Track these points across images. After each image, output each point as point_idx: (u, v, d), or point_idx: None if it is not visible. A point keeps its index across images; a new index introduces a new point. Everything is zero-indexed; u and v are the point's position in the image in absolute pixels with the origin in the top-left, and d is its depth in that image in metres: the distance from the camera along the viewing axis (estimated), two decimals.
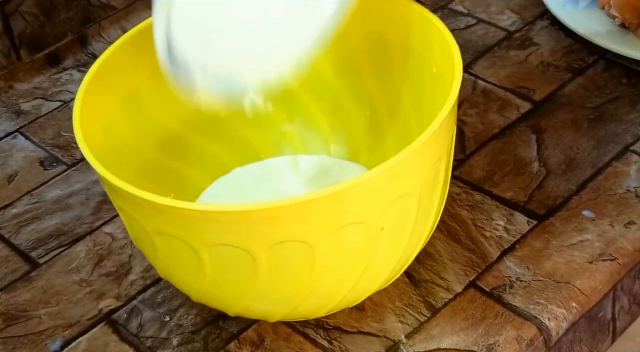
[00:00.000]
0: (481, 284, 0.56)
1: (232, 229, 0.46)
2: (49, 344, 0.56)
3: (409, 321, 0.54)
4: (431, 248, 0.58)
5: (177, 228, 0.47)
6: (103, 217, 0.64)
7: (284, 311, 0.52)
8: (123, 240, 0.62)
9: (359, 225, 0.47)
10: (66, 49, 0.79)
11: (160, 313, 0.57)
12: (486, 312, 0.54)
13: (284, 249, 0.47)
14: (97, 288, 0.59)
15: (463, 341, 0.53)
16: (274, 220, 0.46)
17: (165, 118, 0.59)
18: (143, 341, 0.55)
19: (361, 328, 0.54)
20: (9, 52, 0.76)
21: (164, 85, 0.58)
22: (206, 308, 0.56)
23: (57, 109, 0.74)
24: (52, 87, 0.76)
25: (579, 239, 0.58)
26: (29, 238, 0.63)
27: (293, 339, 0.54)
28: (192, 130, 0.61)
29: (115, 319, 0.57)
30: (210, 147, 0.62)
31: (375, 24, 0.58)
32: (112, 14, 0.81)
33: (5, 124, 0.73)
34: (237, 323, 0.55)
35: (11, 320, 0.58)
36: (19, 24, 0.76)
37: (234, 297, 0.51)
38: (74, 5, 0.78)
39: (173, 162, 0.60)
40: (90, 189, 0.66)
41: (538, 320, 0.53)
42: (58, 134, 0.72)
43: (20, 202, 0.66)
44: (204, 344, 0.55)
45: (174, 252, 0.49)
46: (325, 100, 0.62)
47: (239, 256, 0.47)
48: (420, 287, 0.56)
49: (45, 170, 0.69)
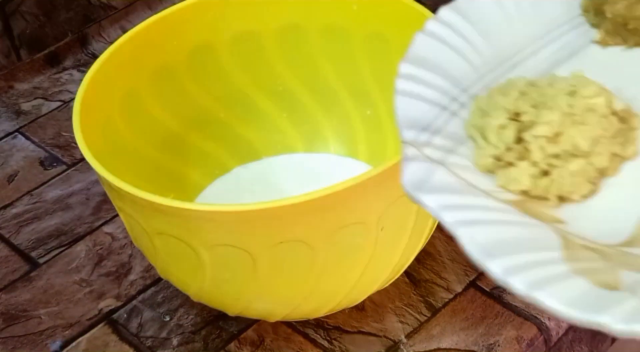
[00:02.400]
0: (481, 284, 0.56)
1: (232, 229, 0.46)
2: (49, 344, 0.56)
3: (409, 320, 0.54)
4: (431, 248, 0.58)
5: (177, 228, 0.47)
6: (103, 217, 0.64)
7: (284, 311, 0.52)
8: (123, 240, 0.62)
9: (359, 225, 0.47)
10: (66, 49, 0.79)
11: (160, 313, 0.57)
12: (486, 312, 0.54)
13: (284, 249, 0.47)
14: (97, 288, 0.59)
15: (463, 341, 0.53)
16: (273, 220, 0.46)
17: (165, 118, 0.59)
18: (143, 340, 0.55)
19: (361, 328, 0.54)
20: (9, 52, 0.76)
21: (164, 85, 0.59)
22: (206, 308, 0.56)
23: (57, 109, 0.74)
24: (52, 87, 0.76)
25: None
26: (29, 238, 0.63)
27: (293, 339, 0.54)
28: (192, 130, 0.61)
29: (116, 319, 0.57)
30: (210, 147, 0.62)
31: (375, 24, 0.58)
32: (112, 14, 0.81)
33: (5, 124, 0.73)
34: (237, 323, 0.55)
35: (11, 320, 0.58)
36: (19, 24, 0.76)
37: (234, 297, 0.51)
38: (74, 5, 0.78)
39: (173, 162, 0.60)
40: (90, 189, 0.66)
41: (538, 320, 0.53)
42: (58, 134, 0.72)
43: (21, 202, 0.66)
44: (204, 344, 0.55)
45: (174, 252, 0.49)
46: (326, 99, 0.62)
47: (238, 256, 0.47)
48: (420, 287, 0.56)
49: (45, 170, 0.69)
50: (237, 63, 0.61)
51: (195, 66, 0.60)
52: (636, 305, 0.30)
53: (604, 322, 0.29)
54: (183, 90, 0.60)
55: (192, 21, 0.58)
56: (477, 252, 0.32)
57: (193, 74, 0.60)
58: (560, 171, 0.37)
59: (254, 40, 0.60)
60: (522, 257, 0.32)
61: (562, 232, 0.34)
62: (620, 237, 0.34)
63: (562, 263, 0.32)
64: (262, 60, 0.61)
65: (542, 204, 0.37)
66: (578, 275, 0.31)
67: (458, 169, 0.36)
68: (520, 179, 0.37)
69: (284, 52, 0.60)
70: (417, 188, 0.35)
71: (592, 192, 0.37)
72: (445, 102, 0.39)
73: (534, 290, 0.30)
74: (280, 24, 0.60)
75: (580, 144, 0.37)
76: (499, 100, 0.39)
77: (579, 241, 0.34)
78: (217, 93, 0.61)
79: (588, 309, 0.30)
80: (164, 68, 0.58)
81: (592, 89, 0.38)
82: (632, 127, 0.39)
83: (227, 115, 0.62)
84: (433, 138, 0.37)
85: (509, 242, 0.32)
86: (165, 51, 0.58)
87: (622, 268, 0.32)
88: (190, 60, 0.59)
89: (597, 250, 0.33)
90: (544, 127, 0.37)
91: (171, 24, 0.58)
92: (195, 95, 0.60)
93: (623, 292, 0.31)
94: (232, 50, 0.60)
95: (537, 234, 0.34)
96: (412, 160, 0.35)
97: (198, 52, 0.59)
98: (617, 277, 0.31)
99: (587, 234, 0.34)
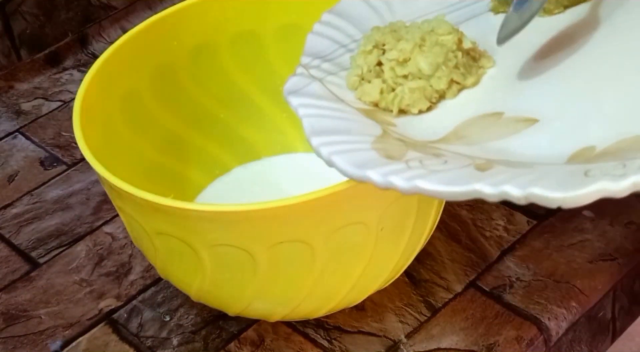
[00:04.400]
0: (481, 284, 0.56)
1: (232, 229, 0.46)
2: (49, 344, 0.56)
3: (409, 320, 0.54)
4: (431, 248, 0.58)
5: (177, 228, 0.47)
6: (103, 217, 0.64)
7: (284, 311, 0.52)
8: (123, 240, 0.62)
9: (359, 225, 0.47)
10: (66, 49, 0.79)
11: (160, 313, 0.57)
12: (486, 312, 0.54)
13: (284, 249, 0.47)
14: (97, 288, 0.59)
15: (463, 341, 0.53)
16: (273, 220, 0.46)
17: (165, 118, 0.59)
18: (143, 340, 0.55)
19: (361, 328, 0.54)
20: (9, 52, 0.76)
21: (164, 85, 0.59)
22: (206, 308, 0.56)
23: (57, 109, 0.74)
24: (52, 87, 0.76)
25: (579, 239, 0.58)
26: (29, 238, 0.63)
27: (293, 339, 0.54)
28: (192, 130, 0.61)
29: (116, 319, 0.57)
30: (210, 147, 0.62)
31: None
32: (112, 14, 0.81)
33: (6, 124, 0.73)
34: (237, 323, 0.55)
35: (11, 320, 0.58)
36: (19, 24, 0.76)
37: (234, 297, 0.51)
38: (74, 5, 0.78)
39: (173, 162, 0.60)
40: (91, 189, 0.66)
41: (538, 320, 0.53)
42: (58, 134, 0.72)
43: (21, 202, 0.66)
44: (204, 344, 0.55)
45: (173, 252, 0.49)
46: None
47: (238, 256, 0.47)
48: (420, 287, 0.56)
49: (45, 170, 0.69)
50: (237, 63, 0.61)
51: (195, 66, 0.60)
52: (399, 167, 0.39)
53: (368, 175, 0.38)
54: (183, 90, 0.60)
55: (192, 21, 0.58)
56: (308, 133, 0.42)
57: (193, 74, 0.60)
58: (403, 88, 0.47)
59: (254, 40, 0.60)
60: (338, 137, 0.42)
61: (386, 128, 0.44)
62: (432, 138, 0.44)
63: (368, 143, 0.41)
64: (262, 60, 0.61)
65: (386, 114, 0.46)
66: (372, 150, 0.40)
67: (332, 86, 0.47)
68: (371, 92, 0.47)
69: (284, 52, 0.60)
70: (291, 93, 0.45)
71: (429, 108, 0.47)
72: (347, 42, 0.50)
73: (332, 155, 0.40)
74: (280, 24, 0.60)
75: (422, 67, 0.47)
76: (373, 34, 0.49)
77: (396, 135, 0.43)
78: (217, 93, 0.61)
79: (362, 167, 0.39)
80: (164, 68, 0.58)
81: (445, 28, 0.48)
82: (480, 65, 0.49)
83: (227, 115, 0.62)
84: (322, 64, 0.48)
85: (335, 128, 0.42)
86: (165, 51, 0.58)
87: (412, 149, 0.41)
88: (190, 60, 0.59)
89: (405, 141, 0.43)
90: (395, 53, 0.47)
91: (171, 24, 0.58)
92: (195, 95, 0.60)
93: (399, 161, 0.39)
94: (232, 50, 0.60)
95: (362, 127, 0.43)
96: (297, 75, 0.47)
97: (198, 52, 0.59)
98: (403, 153, 0.41)
99: (408, 133, 0.43)
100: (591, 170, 0.36)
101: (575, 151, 0.39)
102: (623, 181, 0.34)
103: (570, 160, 0.39)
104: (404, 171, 0.39)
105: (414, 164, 0.39)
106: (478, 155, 0.40)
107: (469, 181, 0.37)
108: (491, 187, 0.36)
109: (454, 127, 0.44)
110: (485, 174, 0.37)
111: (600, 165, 0.36)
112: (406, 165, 0.39)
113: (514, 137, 0.42)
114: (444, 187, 0.37)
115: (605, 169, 0.36)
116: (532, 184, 0.35)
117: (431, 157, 0.40)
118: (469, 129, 0.44)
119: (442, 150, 0.41)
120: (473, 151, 0.41)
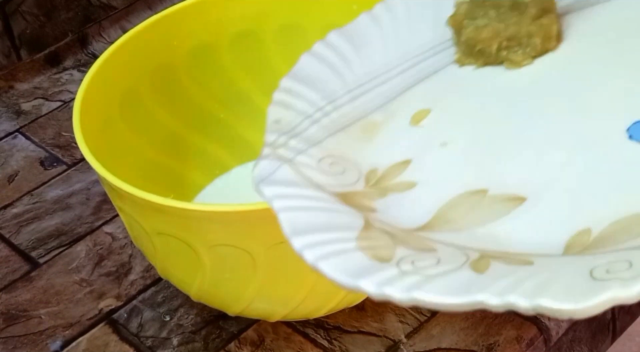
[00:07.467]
0: None
1: (232, 229, 0.46)
2: (49, 344, 0.56)
3: (409, 320, 0.54)
4: None
5: (176, 228, 0.47)
6: (103, 217, 0.64)
7: (284, 311, 0.52)
8: (123, 240, 0.62)
9: None
10: (66, 49, 0.79)
11: (160, 313, 0.57)
12: (486, 312, 0.54)
13: (284, 249, 0.47)
14: (97, 288, 0.59)
15: (463, 341, 0.53)
16: (273, 220, 0.46)
17: (165, 118, 0.59)
18: (143, 340, 0.55)
19: (361, 328, 0.54)
20: (9, 52, 0.76)
21: (163, 85, 0.59)
22: (206, 308, 0.56)
23: (57, 109, 0.74)
24: (52, 87, 0.76)
25: None
26: (29, 238, 0.63)
27: (293, 339, 0.54)
28: (192, 130, 0.61)
29: (116, 319, 0.57)
30: (210, 147, 0.62)
31: None
32: (112, 14, 0.81)
33: (6, 124, 0.73)
34: (237, 323, 0.55)
35: (11, 320, 0.58)
36: (19, 24, 0.76)
37: (234, 297, 0.51)
38: (74, 5, 0.78)
39: (173, 162, 0.60)
40: (91, 189, 0.66)
41: (538, 320, 0.53)
42: (58, 134, 0.72)
43: (21, 202, 0.66)
44: (204, 344, 0.55)
45: (174, 252, 0.49)
46: None
47: (238, 256, 0.47)
48: None
49: (45, 170, 0.69)
50: (237, 63, 0.61)
51: (195, 66, 0.60)
52: (391, 274, 0.36)
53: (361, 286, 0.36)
54: (183, 90, 0.60)
55: (192, 21, 0.58)
56: (288, 233, 0.40)
57: (193, 74, 0.60)
58: None
59: (254, 40, 0.60)
60: (320, 236, 0.39)
61: (367, 216, 0.41)
62: (417, 224, 0.41)
63: (353, 241, 0.39)
64: (262, 60, 0.61)
65: (364, 198, 0.43)
66: (359, 250, 0.38)
67: (303, 168, 0.44)
68: None
69: (284, 52, 0.60)
70: (261, 181, 0.42)
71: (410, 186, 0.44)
72: (311, 112, 0.46)
73: (318, 261, 0.37)
74: (280, 24, 0.60)
75: None
76: None
77: (379, 225, 0.40)
78: (217, 93, 0.61)
79: (354, 276, 0.36)
80: (164, 68, 0.58)
81: None
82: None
83: (227, 115, 0.62)
84: (289, 140, 0.45)
85: (316, 225, 0.40)
86: (165, 51, 0.58)
87: (400, 245, 0.39)
88: (190, 60, 0.59)
89: (390, 232, 0.40)
90: None
91: (171, 24, 0.58)
92: (195, 95, 0.60)
93: (389, 264, 0.37)
94: (232, 50, 0.60)
95: (343, 218, 0.41)
96: (264, 158, 0.43)
97: (198, 52, 0.59)
98: (393, 253, 0.38)
99: (391, 220, 0.41)
100: (596, 269, 0.34)
101: (571, 237, 0.37)
102: (634, 286, 0.32)
103: (567, 250, 0.37)
104: (398, 279, 0.36)
105: (406, 267, 0.37)
106: (470, 246, 0.38)
107: (469, 289, 0.35)
108: (496, 298, 0.34)
109: (437, 210, 0.42)
110: (485, 278, 0.35)
111: (603, 262, 0.35)
112: (399, 270, 0.37)
113: (503, 220, 0.40)
114: (444, 298, 0.35)
115: (610, 268, 0.34)
116: (539, 293, 0.33)
117: (422, 254, 0.38)
118: (454, 212, 0.41)
119: (430, 241, 0.39)
120: (463, 240, 0.39)
